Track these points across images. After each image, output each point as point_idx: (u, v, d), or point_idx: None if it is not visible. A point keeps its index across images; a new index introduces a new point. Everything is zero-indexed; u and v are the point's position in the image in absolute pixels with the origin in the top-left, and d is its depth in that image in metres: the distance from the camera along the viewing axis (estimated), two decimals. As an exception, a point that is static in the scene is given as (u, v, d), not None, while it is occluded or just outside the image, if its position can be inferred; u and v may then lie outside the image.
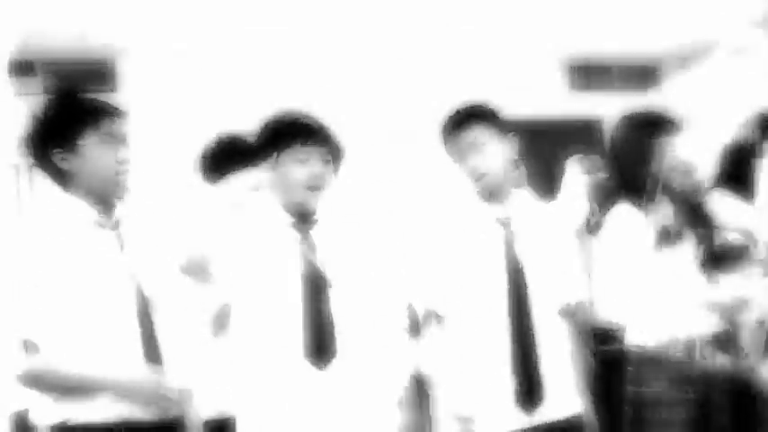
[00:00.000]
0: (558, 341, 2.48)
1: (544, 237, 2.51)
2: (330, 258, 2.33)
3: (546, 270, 2.47)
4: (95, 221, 2.17)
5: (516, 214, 2.52)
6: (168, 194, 2.93)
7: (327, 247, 2.35)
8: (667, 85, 5.32)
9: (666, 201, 2.52)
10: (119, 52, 4.53)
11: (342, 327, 2.29)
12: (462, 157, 2.51)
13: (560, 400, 2.45)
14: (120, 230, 2.20)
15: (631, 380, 2.51)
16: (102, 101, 2.24)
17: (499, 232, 2.49)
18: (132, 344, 2.12)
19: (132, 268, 2.16)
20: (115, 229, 2.19)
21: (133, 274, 2.16)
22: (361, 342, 2.31)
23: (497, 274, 2.46)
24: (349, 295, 2.32)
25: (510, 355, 2.43)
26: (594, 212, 2.60)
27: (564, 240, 2.56)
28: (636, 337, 2.53)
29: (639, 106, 2.72)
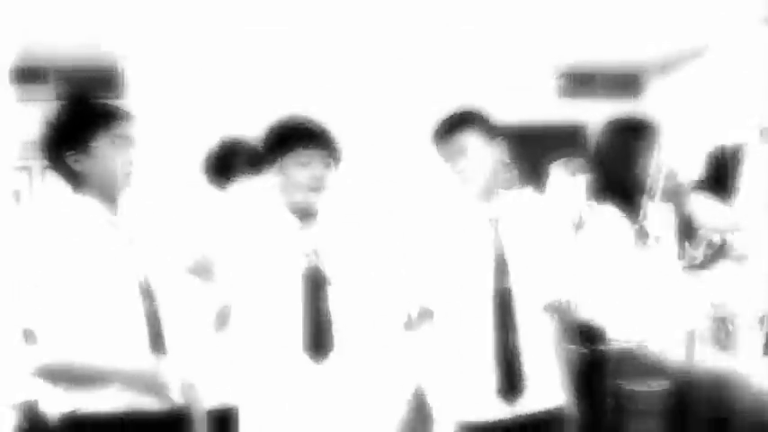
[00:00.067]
0: (542, 335, 2.52)
1: (533, 235, 2.55)
2: (330, 257, 2.38)
3: (532, 267, 2.51)
4: (107, 219, 2.23)
5: (506, 213, 2.56)
6: (174, 196, 3.02)
7: (328, 246, 2.40)
8: (649, 93, 5.41)
9: (649, 202, 2.57)
10: (125, 60, 4.59)
11: (340, 323, 2.34)
12: (453, 160, 2.55)
13: (542, 392, 2.49)
14: (128, 228, 2.25)
15: (612, 373, 2.54)
16: (113, 105, 2.30)
17: (489, 230, 2.54)
18: (139, 337, 2.17)
19: (139, 264, 2.22)
20: (123, 227, 2.25)
21: (140, 269, 2.21)
22: (359, 338, 2.37)
23: (484, 269, 2.51)
24: (348, 293, 2.37)
25: (493, 347, 2.47)
26: (579, 212, 2.65)
27: (553, 238, 2.59)
28: (617, 334, 2.56)
29: (623, 112, 2.78)
